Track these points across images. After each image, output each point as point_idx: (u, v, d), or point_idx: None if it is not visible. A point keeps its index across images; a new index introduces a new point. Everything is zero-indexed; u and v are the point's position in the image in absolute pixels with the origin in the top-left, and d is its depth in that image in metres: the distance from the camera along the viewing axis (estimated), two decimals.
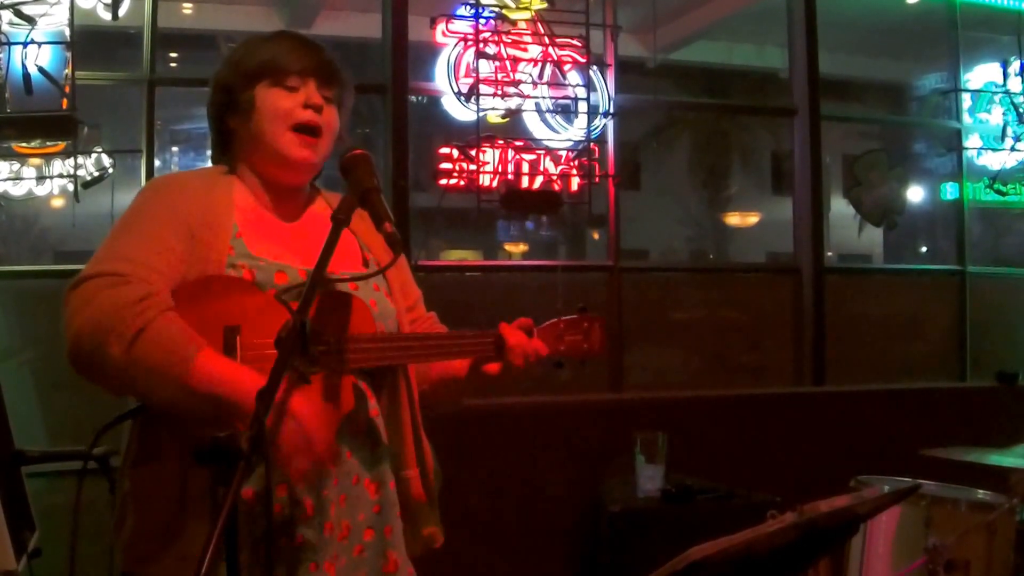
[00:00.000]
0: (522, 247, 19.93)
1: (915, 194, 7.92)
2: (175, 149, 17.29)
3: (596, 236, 14.60)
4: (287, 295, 2.14)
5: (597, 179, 6.17)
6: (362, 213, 2.16)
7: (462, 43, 5.95)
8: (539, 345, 2.39)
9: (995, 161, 7.38)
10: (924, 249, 15.24)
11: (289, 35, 2.40)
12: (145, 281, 2.06)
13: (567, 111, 6.14)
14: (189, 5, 10.42)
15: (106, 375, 2.02)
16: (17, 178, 5.43)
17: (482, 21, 5.95)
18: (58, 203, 6.01)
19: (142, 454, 2.14)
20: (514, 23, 6.06)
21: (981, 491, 3.54)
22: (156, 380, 1.99)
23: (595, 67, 6.22)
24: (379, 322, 2.25)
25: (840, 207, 8.12)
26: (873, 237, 17.32)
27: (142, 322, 1.99)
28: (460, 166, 5.86)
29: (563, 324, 2.47)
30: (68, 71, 5.28)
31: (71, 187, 5.40)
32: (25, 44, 5.24)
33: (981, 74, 7.52)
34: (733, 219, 23.14)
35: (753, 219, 22.97)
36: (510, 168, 5.97)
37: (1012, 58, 7.40)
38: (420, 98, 6.43)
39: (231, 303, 2.12)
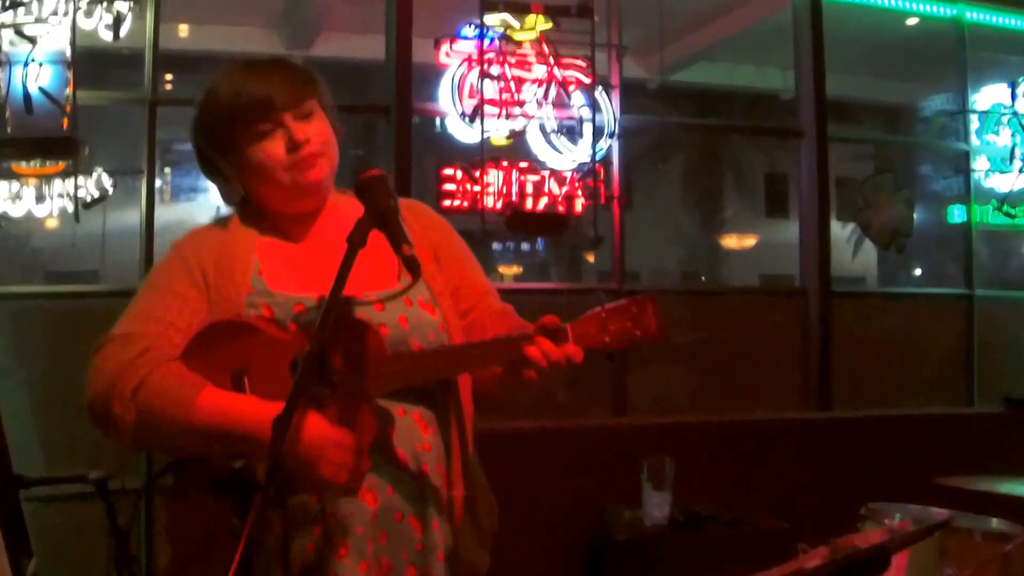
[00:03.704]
0: (515, 269, 19.96)
1: (922, 216, 7.88)
2: (173, 169, 17.32)
3: (591, 259, 14.64)
4: (303, 319, 2.12)
5: (603, 200, 6.13)
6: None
7: (466, 64, 5.92)
8: (572, 350, 2.12)
9: (1003, 183, 7.34)
10: (918, 271, 15.24)
11: (236, 76, 2.26)
12: (150, 337, 2.12)
13: (572, 132, 6.10)
14: (186, 26, 10.41)
15: (120, 436, 2.06)
16: (17, 198, 5.39)
17: (486, 42, 5.93)
18: (51, 224, 5.98)
19: (176, 487, 2.13)
20: (519, 44, 6.04)
21: (995, 520, 3.48)
22: (164, 429, 2.03)
23: (600, 88, 6.18)
24: (412, 338, 2.19)
25: (835, 229, 8.10)
26: (867, 259, 17.34)
27: (139, 377, 2.04)
28: (464, 187, 5.83)
29: (605, 313, 2.17)
30: (69, 91, 5.25)
31: (70, 207, 5.36)
32: (26, 64, 5.21)
33: (989, 95, 7.48)
34: (726, 241, 23.22)
35: (747, 241, 23.04)
36: (514, 189, 5.94)
37: (1020, 79, 7.38)
38: (418, 118, 6.40)
39: (238, 346, 2.11)
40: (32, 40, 5.22)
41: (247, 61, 2.31)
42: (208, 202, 16.63)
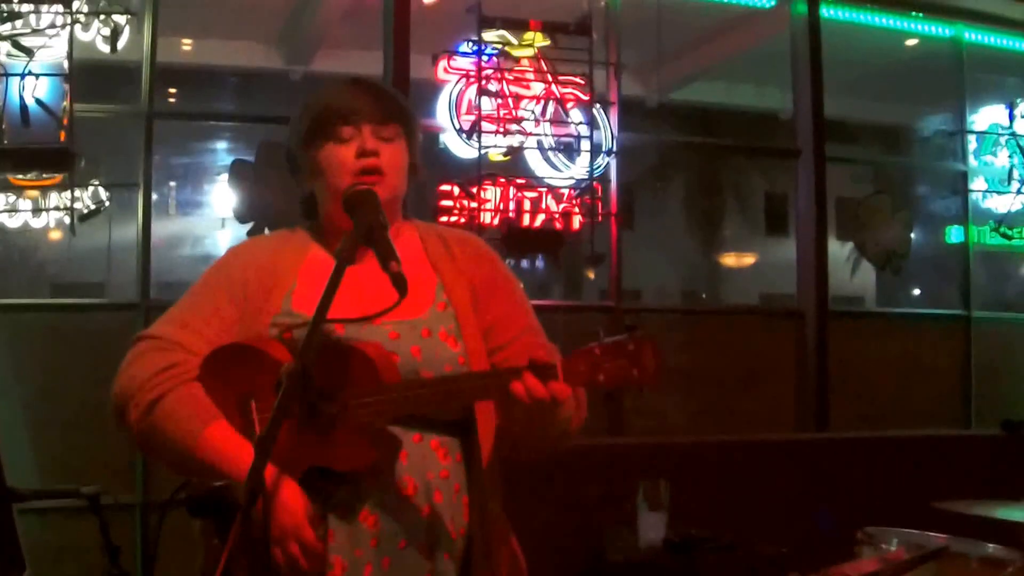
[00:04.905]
0: None
1: (919, 237, 7.86)
2: (177, 183, 17.31)
3: (592, 275, 14.58)
4: (283, 336, 2.09)
5: (600, 218, 6.11)
6: (439, 249, 2.26)
7: (464, 80, 5.91)
8: (558, 388, 1.99)
9: (1001, 204, 7.34)
10: (917, 292, 15.18)
11: (340, 84, 2.37)
12: (181, 348, 2.18)
13: (569, 149, 6.09)
14: (188, 41, 10.40)
15: (131, 437, 2.15)
16: (13, 210, 5.37)
17: (484, 58, 5.92)
18: (55, 236, 5.97)
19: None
20: (517, 60, 6.04)
21: (991, 545, 3.44)
22: (169, 448, 2.10)
23: (598, 105, 6.17)
24: (424, 370, 2.16)
25: (833, 249, 8.12)
26: (866, 279, 17.31)
27: (158, 393, 2.11)
28: (461, 203, 5.81)
29: (599, 350, 1.99)
30: (66, 104, 5.24)
31: (67, 220, 5.34)
32: (23, 76, 5.21)
33: (987, 116, 7.48)
34: (725, 260, 23.21)
35: (746, 260, 23.04)
36: (511, 206, 5.92)
37: (1018, 100, 7.39)
38: None
39: (247, 368, 2.12)
40: (29, 52, 5.21)
41: (353, 77, 2.42)
42: (213, 215, 16.67)
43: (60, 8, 5.24)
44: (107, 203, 5.47)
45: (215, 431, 2.08)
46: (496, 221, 5.90)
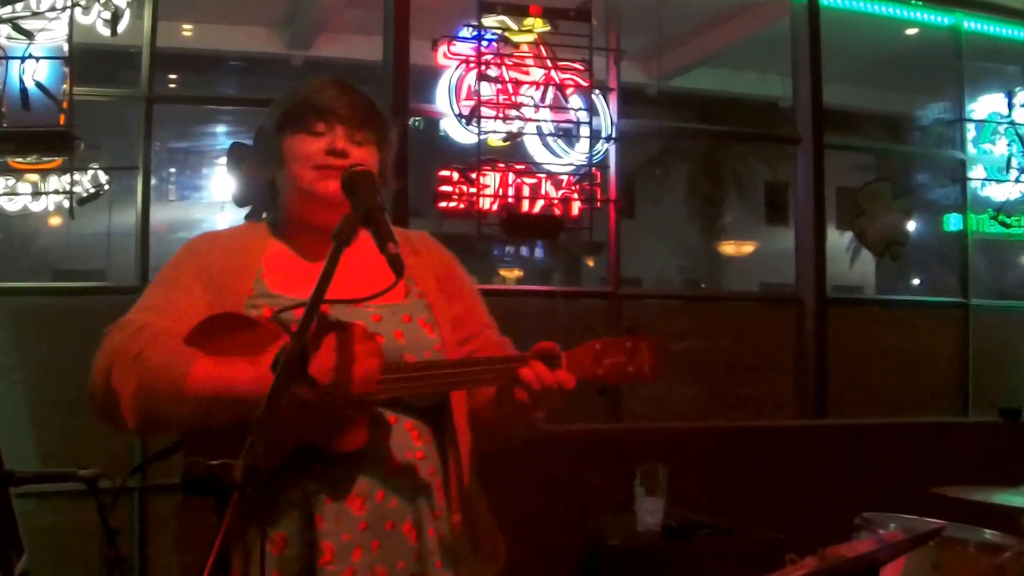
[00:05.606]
0: (516, 272, 19.92)
1: (918, 225, 7.86)
2: (178, 169, 17.31)
3: (591, 263, 14.59)
4: (286, 316, 2.09)
5: (599, 204, 6.10)
6: (403, 247, 2.22)
7: (464, 65, 5.90)
8: (564, 377, 2.14)
9: (999, 192, 7.33)
10: (917, 281, 15.21)
11: (323, 81, 2.39)
12: (149, 320, 2.18)
13: (569, 135, 6.08)
14: (189, 26, 10.40)
15: (120, 410, 2.08)
16: (12, 193, 5.36)
17: (484, 44, 5.91)
18: (55, 221, 5.95)
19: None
20: (517, 46, 6.03)
21: (989, 531, 3.45)
22: (163, 401, 2.04)
23: (597, 91, 6.16)
24: (407, 353, 2.20)
25: (833, 238, 8.13)
26: (865, 268, 17.32)
27: (137, 349, 2.08)
28: (460, 189, 5.80)
29: (600, 346, 2.18)
30: (66, 87, 5.23)
31: (67, 203, 5.33)
32: (23, 59, 5.20)
33: (986, 104, 7.47)
34: (726, 248, 23.21)
35: (746, 249, 23.04)
36: (511, 192, 5.91)
37: (1017, 88, 7.39)
38: (417, 121, 6.37)
39: (239, 338, 2.11)
40: (29, 35, 5.20)
41: (339, 78, 2.43)
42: (212, 199, 16.68)
43: None
44: (107, 187, 5.44)
45: (201, 363, 2.05)
46: (495, 206, 5.89)
